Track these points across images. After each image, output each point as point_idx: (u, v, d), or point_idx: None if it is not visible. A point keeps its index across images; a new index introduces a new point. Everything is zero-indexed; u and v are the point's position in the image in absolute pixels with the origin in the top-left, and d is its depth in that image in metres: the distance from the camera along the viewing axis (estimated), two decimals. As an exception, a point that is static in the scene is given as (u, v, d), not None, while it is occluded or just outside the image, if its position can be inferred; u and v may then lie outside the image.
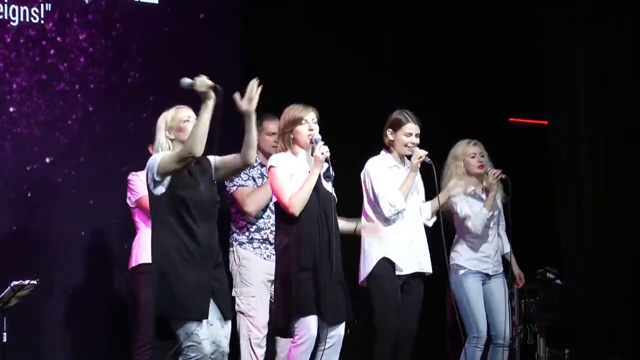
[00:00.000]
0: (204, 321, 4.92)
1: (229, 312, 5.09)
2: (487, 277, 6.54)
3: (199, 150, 4.91)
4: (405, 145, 5.97)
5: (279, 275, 5.37)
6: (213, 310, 5.00)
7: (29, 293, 5.92)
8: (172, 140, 5.13)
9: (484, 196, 6.54)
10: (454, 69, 8.44)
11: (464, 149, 6.59)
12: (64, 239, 6.78)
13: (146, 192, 5.27)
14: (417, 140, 5.99)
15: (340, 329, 5.39)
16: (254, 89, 5.15)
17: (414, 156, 5.92)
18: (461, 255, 6.51)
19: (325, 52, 7.94)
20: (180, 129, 5.11)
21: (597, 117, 7.52)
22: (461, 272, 6.48)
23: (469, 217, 6.44)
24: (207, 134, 4.96)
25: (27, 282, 5.81)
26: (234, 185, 6.46)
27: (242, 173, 6.44)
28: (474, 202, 6.51)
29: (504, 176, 6.47)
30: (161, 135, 5.14)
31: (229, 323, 5.09)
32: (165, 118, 5.18)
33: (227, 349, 5.07)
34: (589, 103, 7.52)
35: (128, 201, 6.31)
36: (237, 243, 6.47)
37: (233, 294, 6.48)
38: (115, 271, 6.88)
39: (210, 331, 4.97)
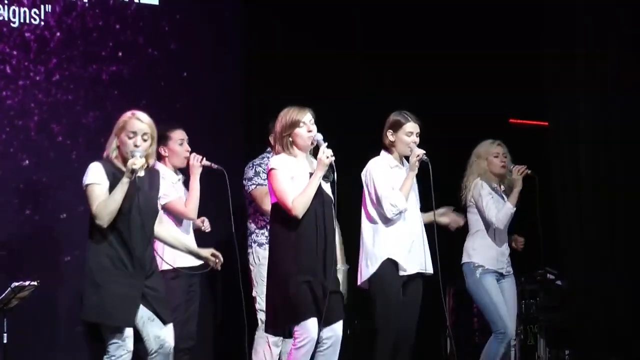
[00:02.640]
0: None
1: (168, 317, 5.11)
2: (501, 276, 6.56)
3: (105, 223, 4.95)
4: (407, 145, 5.98)
5: (275, 276, 5.33)
6: (152, 313, 5.06)
7: (29, 294, 5.93)
8: (117, 146, 5.08)
9: (503, 196, 6.58)
10: (454, 70, 8.44)
11: (487, 149, 6.64)
12: (65, 239, 6.78)
13: (174, 196, 5.38)
14: (417, 140, 6.01)
15: (337, 329, 5.38)
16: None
17: (412, 155, 5.94)
18: (479, 253, 6.51)
19: (325, 51, 7.95)
20: (123, 142, 5.05)
21: (597, 118, 7.52)
22: (479, 271, 6.48)
23: (493, 212, 6.46)
24: None
25: (27, 283, 5.82)
26: (253, 184, 6.52)
27: (262, 172, 6.49)
28: (497, 200, 6.55)
29: (529, 172, 6.52)
30: (113, 136, 5.11)
31: (170, 325, 5.14)
32: (121, 120, 5.11)
33: (172, 344, 5.12)
34: (589, 103, 7.52)
35: None
36: (256, 244, 6.54)
37: (253, 294, 6.53)
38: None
39: (152, 327, 5.05)
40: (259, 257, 6.53)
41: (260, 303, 6.48)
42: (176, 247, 5.43)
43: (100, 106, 7.00)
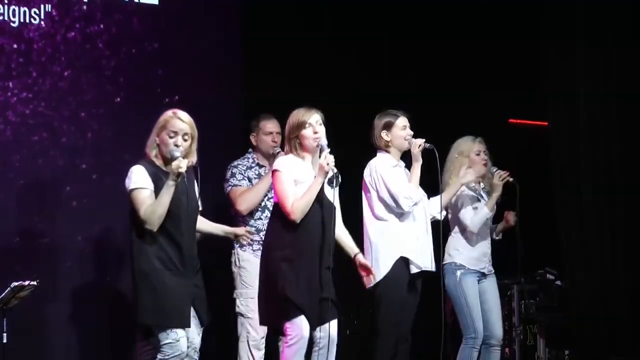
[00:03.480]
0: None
1: (207, 317, 5.19)
2: (482, 276, 6.55)
3: (155, 227, 4.98)
4: (404, 139, 5.99)
5: (269, 273, 5.33)
6: (192, 312, 5.11)
7: (29, 294, 5.92)
8: (157, 144, 5.11)
9: (483, 194, 6.55)
10: (454, 70, 8.44)
11: (470, 146, 6.60)
12: (64, 239, 6.77)
13: None
14: (411, 132, 6.01)
15: (331, 329, 5.38)
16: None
17: (413, 146, 5.94)
18: (461, 253, 6.50)
19: (325, 51, 7.95)
20: (163, 141, 5.08)
21: (597, 118, 7.53)
22: (460, 271, 6.47)
23: (469, 214, 6.45)
24: None
25: (27, 282, 5.80)
26: (229, 185, 6.51)
27: (238, 173, 6.49)
28: (476, 200, 6.53)
29: (511, 179, 6.49)
30: (153, 135, 5.14)
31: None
32: (161, 119, 5.14)
33: (198, 344, 5.19)
34: (589, 104, 7.53)
35: None
36: (237, 245, 6.48)
37: (234, 295, 6.51)
38: (115, 271, 6.88)
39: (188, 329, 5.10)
40: (240, 259, 6.49)
41: (240, 306, 6.45)
42: (215, 233, 5.49)
43: (99, 106, 7.00)
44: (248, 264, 6.41)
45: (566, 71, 7.62)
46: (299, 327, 5.25)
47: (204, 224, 5.43)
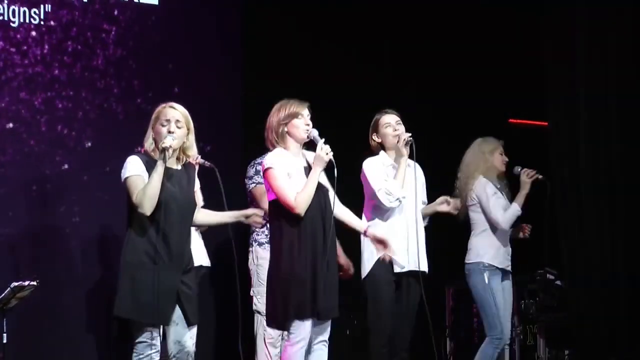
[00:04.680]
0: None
1: (194, 318, 5.08)
2: (504, 274, 6.56)
3: (147, 210, 4.92)
4: (392, 135, 5.98)
5: (276, 273, 5.31)
6: (178, 312, 5.02)
7: (29, 294, 5.92)
8: (153, 138, 5.09)
9: (503, 193, 6.56)
10: (454, 70, 8.44)
11: (495, 145, 6.62)
12: (64, 239, 6.79)
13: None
14: (401, 128, 5.99)
15: (328, 325, 5.38)
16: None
17: (400, 140, 5.92)
18: (489, 253, 6.50)
19: (326, 52, 7.95)
20: (157, 132, 5.06)
21: (598, 118, 7.52)
22: (488, 272, 6.46)
23: (500, 212, 6.44)
24: None
25: (27, 283, 5.82)
26: (253, 182, 6.53)
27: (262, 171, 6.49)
28: (501, 198, 6.55)
29: (540, 177, 6.51)
30: (149, 129, 5.12)
31: (194, 328, 5.11)
32: (155, 111, 5.13)
33: (192, 349, 5.10)
34: (589, 104, 7.52)
35: None
36: (256, 243, 6.53)
37: (251, 293, 6.53)
38: (115, 272, 6.86)
39: (176, 330, 5.03)
40: (258, 257, 6.52)
41: (257, 304, 6.46)
42: (225, 221, 5.40)
43: (98, 107, 7.01)
44: (265, 262, 6.39)
45: (566, 71, 7.62)
46: (304, 327, 5.24)
47: (211, 216, 5.38)
